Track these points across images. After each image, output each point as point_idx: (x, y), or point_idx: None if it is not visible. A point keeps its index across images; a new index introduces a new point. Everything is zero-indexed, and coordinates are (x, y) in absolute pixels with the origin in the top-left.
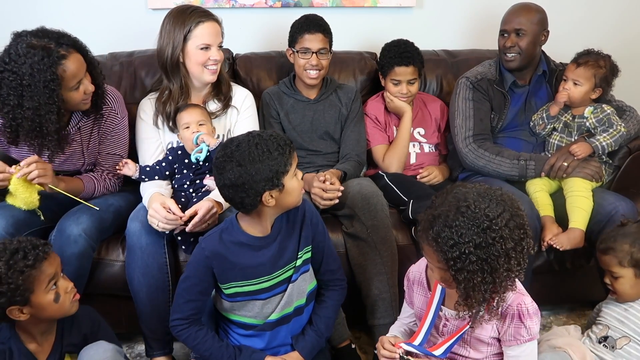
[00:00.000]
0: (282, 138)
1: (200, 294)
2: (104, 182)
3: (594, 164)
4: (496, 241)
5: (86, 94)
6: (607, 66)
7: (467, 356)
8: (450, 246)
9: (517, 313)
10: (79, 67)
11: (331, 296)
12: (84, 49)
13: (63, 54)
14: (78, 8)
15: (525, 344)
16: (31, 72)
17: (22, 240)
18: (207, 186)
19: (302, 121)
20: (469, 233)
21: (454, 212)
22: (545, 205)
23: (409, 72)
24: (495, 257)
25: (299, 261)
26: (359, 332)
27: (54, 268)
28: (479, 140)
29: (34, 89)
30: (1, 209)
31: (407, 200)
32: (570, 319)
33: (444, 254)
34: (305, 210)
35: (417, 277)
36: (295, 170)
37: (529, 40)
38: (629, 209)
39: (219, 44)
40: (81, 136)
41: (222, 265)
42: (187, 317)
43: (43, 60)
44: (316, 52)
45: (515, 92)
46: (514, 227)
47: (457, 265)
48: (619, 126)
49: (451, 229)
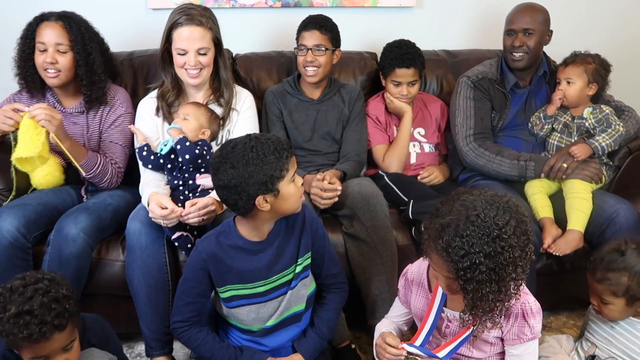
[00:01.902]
0: (281, 142)
1: (198, 296)
2: (106, 166)
3: (594, 166)
4: (505, 250)
5: (48, 63)
6: (595, 61)
7: (471, 356)
8: (461, 256)
9: (521, 312)
10: (49, 34)
11: (332, 299)
12: (77, 30)
13: (47, 17)
14: (78, 8)
15: (528, 343)
16: (27, 26)
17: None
18: (202, 185)
19: (305, 121)
20: (479, 242)
21: (464, 222)
22: (544, 207)
23: (410, 74)
24: (503, 266)
25: (299, 268)
26: (359, 332)
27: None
28: (480, 139)
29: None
30: (13, 208)
31: (407, 200)
32: (570, 319)
33: (455, 264)
34: (305, 216)
35: (416, 277)
36: (293, 176)
37: (537, 40)
38: (629, 212)
39: (199, 50)
40: (86, 120)
41: (218, 267)
42: (186, 319)
43: (34, 20)
44: (311, 49)
45: (515, 92)
46: (520, 234)
47: (467, 275)
48: (618, 126)
49: (462, 238)
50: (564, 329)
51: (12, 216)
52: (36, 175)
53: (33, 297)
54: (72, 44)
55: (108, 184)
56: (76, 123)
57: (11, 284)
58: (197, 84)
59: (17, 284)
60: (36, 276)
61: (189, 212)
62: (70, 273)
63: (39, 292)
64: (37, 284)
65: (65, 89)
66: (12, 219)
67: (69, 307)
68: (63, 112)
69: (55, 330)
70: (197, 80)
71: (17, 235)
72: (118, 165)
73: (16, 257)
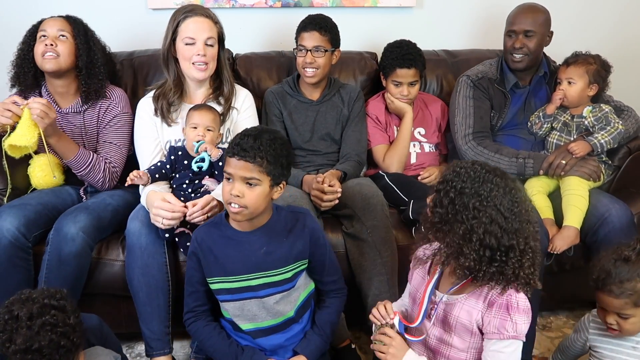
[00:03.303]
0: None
1: (199, 284)
2: (99, 164)
3: (592, 163)
4: (482, 205)
5: (47, 46)
6: (597, 62)
7: (451, 343)
8: (441, 181)
9: (506, 303)
10: (52, 24)
11: (333, 302)
12: (80, 25)
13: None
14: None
15: (507, 341)
16: (31, 27)
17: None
18: (205, 186)
19: (304, 121)
20: (462, 180)
21: (466, 166)
22: (543, 208)
23: (411, 75)
24: (476, 219)
25: (289, 274)
26: (359, 332)
27: None
28: (479, 137)
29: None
30: (13, 208)
31: (408, 200)
32: (570, 319)
33: (435, 186)
34: (305, 224)
35: (424, 255)
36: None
37: (537, 42)
38: (622, 212)
39: (207, 40)
40: (83, 119)
41: (207, 257)
42: (192, 309)
43: (37, 22)
44: (310, 50)
45: (515, 92)
46: (511, 214)
47: (439, 198)
48: (617, 124)
49: (453, 172)
50: (564, 329)
51: (12, 216)
52: (35, 175)
53: (40, 333)
54: (74, 33)
55: (102, 183)
56: (73, 123)
57: (17, 311)
58: (203, 77)
59: (22, 314)
60: (42, 302)
61: (193, 212)
62: (69, 272)
63: (47, 328)
64: (44, 315)
65: (61, 87)
66: (12, 219)
67: (76, 340)
68: (59, 112)
69: None
70: (204, 73)
71: (18, 235)
72: (113, 164)
73: (16, 256)
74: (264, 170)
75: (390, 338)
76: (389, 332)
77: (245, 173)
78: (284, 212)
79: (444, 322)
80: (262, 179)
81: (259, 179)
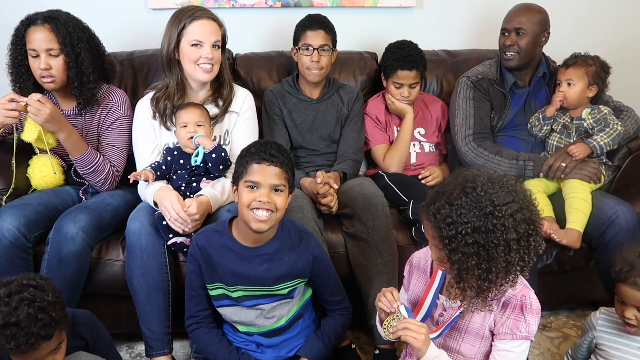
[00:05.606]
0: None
1: (200, 288)
2: (104, 165)
3: (592, 165)
4: (497, 228)
5: (43, 70)
6: (596, 64)
7: (458, 350)
8: (448, 224)
9: (520, 304)
10: (39, 39)
11: (339, 318)
12: (65, 31)
13: (33, 21)
14: (78, 8)
15: (519, 341)
16: (15, 32)
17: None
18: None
19: (304, 120)
20: (468, 214)
21: (458, 192)
22: (544, 206)
23: (412, 76)
24: (494, 245)
25: (285, 290)
26: (359, 332)
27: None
28: (479, 139)
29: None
30: (14, 208)
31: (408, 200)
32: (570, 319)
33: (440, 231)
34: (309, 246)
35: (421, 263)
36: (248, 182)
37: (529, 40)
38: (629, 214)
39: (214, 43)
40: (84, 121)
41: (207, 263)
42: (194, 314)
43: (20, 24)
44: (317, 49)
45: (515, 93)
46: (520, 219)
47: (452, 245)
48: (616, 125)
49: (451, 206)
50: (563, 329)
51: (13, 216)
52: (35, 176)
53: (19, 308)
54: (61, 46)
55: (103, 184)
56: (74, 125)
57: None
58: (208, 79)
59: (2, 293)
60: (21, 282)
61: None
62: (69, 272)
63: (25, 302)
64: (22, 292)
65: (62, 92)
66: (12, 219)
67: (55, 315)
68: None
69: (42, 340)
70: (209, 75)
71: (18, 235)
72: (116, 168)
73: (17, 256)
74: (287, 177)
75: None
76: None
77: (275, 180)
78: (287, 229)
79: (452, 328)
80: (286, 186)
81: (285, 185)
